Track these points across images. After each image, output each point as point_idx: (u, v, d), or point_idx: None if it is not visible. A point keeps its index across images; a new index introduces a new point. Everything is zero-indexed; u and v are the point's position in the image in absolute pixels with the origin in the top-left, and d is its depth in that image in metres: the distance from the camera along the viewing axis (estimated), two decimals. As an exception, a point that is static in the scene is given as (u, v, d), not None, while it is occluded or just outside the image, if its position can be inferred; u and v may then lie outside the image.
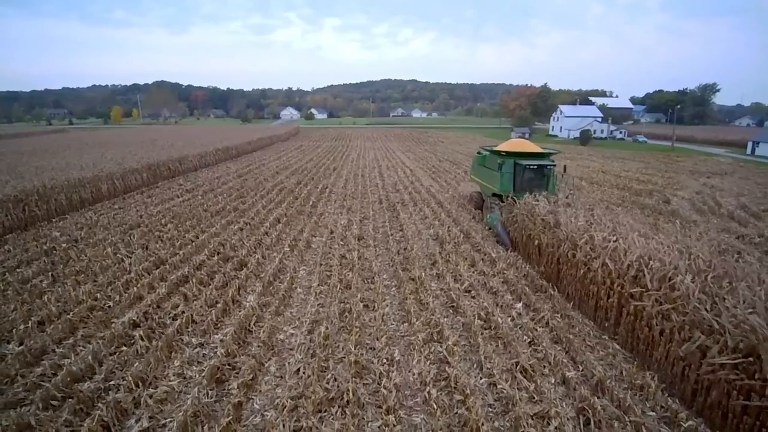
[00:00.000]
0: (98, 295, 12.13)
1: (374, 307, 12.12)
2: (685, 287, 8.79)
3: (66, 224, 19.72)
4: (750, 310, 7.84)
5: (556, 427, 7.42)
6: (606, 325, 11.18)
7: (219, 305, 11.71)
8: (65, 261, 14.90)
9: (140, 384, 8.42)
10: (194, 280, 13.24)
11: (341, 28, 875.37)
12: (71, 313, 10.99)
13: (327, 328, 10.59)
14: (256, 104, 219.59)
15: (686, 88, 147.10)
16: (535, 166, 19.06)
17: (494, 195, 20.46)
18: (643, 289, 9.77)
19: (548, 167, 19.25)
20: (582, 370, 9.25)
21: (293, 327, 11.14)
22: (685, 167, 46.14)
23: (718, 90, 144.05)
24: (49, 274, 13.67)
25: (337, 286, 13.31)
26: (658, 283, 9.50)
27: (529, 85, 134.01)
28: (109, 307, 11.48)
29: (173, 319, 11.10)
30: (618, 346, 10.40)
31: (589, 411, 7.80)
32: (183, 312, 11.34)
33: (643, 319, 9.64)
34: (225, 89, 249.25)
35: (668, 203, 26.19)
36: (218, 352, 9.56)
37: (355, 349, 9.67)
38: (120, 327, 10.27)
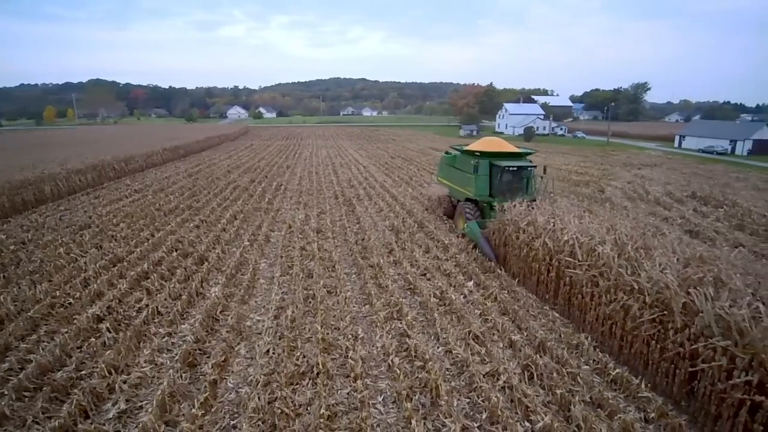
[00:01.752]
0: (57, 293, 12.04)
1: (337, 292, 12.78)
2: (607, 256, 10.13)
3: (10, 227, 18.95)
4: (665, 271, 9.20)
5: (504, 381, 8.48)
6: (546, 296, 12.48)
7: (183, 297, 11.95)
8: (15, 263, 14.50)
9: (113, 371, 8.67)
10: (155, 276, 13.34)
11: (289, 26, 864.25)
12: (31, 311, 10.90)
13: (293, 312, 11.15)
14: (201, 103, 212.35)
15: (620, 87, 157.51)
16: (515, 168, 17.20)
17: (468, 200, 18.42)
18: (576, 261, 11.07)
19: (528, 169, 17.57)
20: (526, 335, 10.43)
21: (259, 314, 11.60)
22: (619, 160, 49.79)
23: (649, 89, 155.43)
24: (0, 275, 13.33)
25: (300, 275, 13.86)
26: (588, 255, 10.86)
27: (476, 84, 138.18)
28: (70, 303, 11.47)
29: (138, 312, 11.28)
30: (557, 314, 11.72)
31: (533, 366, 8.94)
32: (147, 305, 11.51)
33: (576, 287, 10.96)
34: (167, 88, 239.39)
35: (603, 192, 28.47)
36: (188, 339, 9.91)
37: (321, 329, 10.32)
38: (84, 321, 10.37)
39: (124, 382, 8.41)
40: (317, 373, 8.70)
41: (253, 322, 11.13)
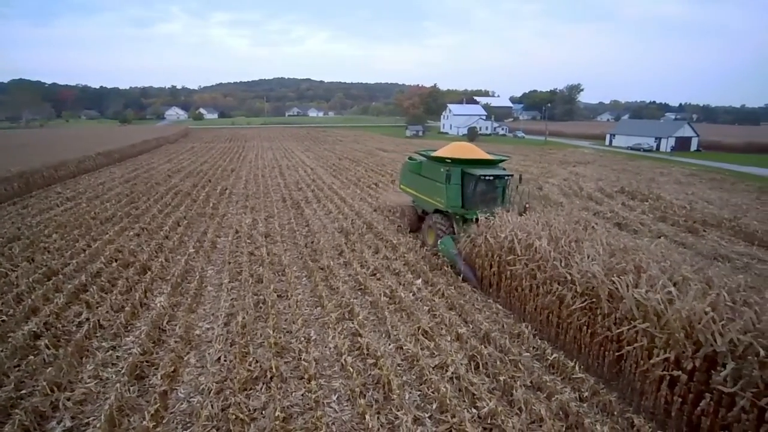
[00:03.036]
0: (-15, 311, 11.28)
1: (288, 295, 12.83)
2: (543, 250, 10.89)
3: (-77, 242, 17.38)
4: (593, 262, 10.02)
5: (452, 372, 8.96)
6: (490, 290, 13.17)
7: (127, 309, 11.55)
8: (-67, 280, 13.40)
9: (56, 389, 8.31)
10: (95, 288, 12.77)
11: (231, 24, 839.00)
12: (-44, 331, 10.19)
13: (244, 318, 11.10)
14: (136, 104, 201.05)
15: (556, 88, 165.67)
16: (491, 177, 15.57)
17: (437, 212, 16.93)
18: (515, 256, 11.80)
19: (505, 178, 16.16)
20: (472, 327, 11.02)
21: (208, 322, 11.44)
22: (556, 158, 52.56)
23: (582, 90, 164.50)
24: None
25: (249, 280, 13.76)
26: (525, 250, 11.60)
27: (420, 85, 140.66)
28: (3, 321, 10.78)
29: (78, 326, 10.80)
30: (500, 306, 12.42)
31: (478, 356, 9.51)
32: (88, 319, 11.04)
33: (516, 280, 11.67)
34: (98, 88, 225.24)
35: (541, 189, 30.04)
36: (134, 351, 9.64)
37: (273, 333, 10.36)
38: (20, 338, 9.80)
39: (68, 399, 8.10)
40: (271, 377, 8.78)
41: (203, 331, 10.98)
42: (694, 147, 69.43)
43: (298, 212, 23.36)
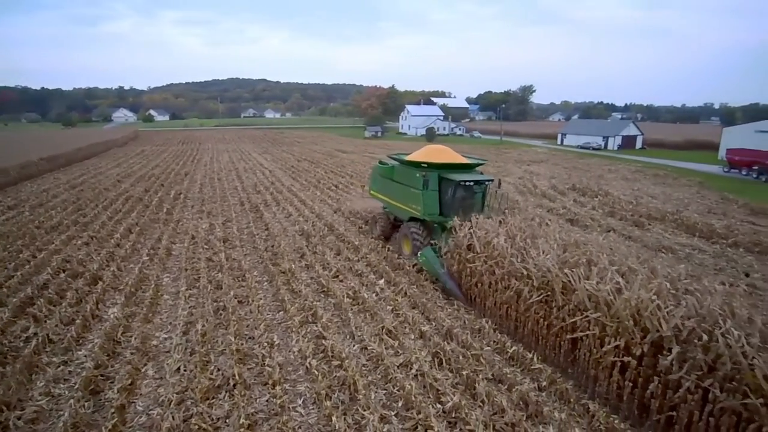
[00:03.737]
0: None
1: (249, 301, 12.62)
2: (501, 247, 11.25)
3: None
4: (547, 257, 10.44)
5: (417, 369, 9.11)
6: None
7: (78, 322, 11.02)
8: None
9: (5, 408, 7.85)
10: (42, 301, 12.11)
11: (182, 22, 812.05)
12: None
13: (203, 326, 10.83)
14: (81, 106, 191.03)
15: (510, 89, 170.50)
16: (471, 183, 14.99)
17: (413, 219, 15.96)
18: (474, 254, 12.11)
19: (485, 184, 15.59)
20: (435, 325, 11.24)
21: (166, 332, 11.09)
22: (511, 157, 54.09)
23: (534, 91, 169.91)
24: None
25: (208, 287, 13.43)
26: (484, 247, 11.93)
27: (378, 86, 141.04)
28: (-61, 340, 10.06)
29: (26, 342, 10.21)
30: (461, 303, 12.66)
31: (441, 353, 9.73)
32: (36, 333, 10.47)
33: (476, 277, 11.99)
34: (39, 89, 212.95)
35: (499, 188, 30.85)
36: (87, 365, 9.23)
37: (235, 340, 10.18)
38: (-41, 358, 9.19)
39: (19, 419, 7.68)
40: (234, 385, 8.63)
41: (160, 341, 10.63)
42: (639, 145, 73.13)
43: (257, 216, 22.97)
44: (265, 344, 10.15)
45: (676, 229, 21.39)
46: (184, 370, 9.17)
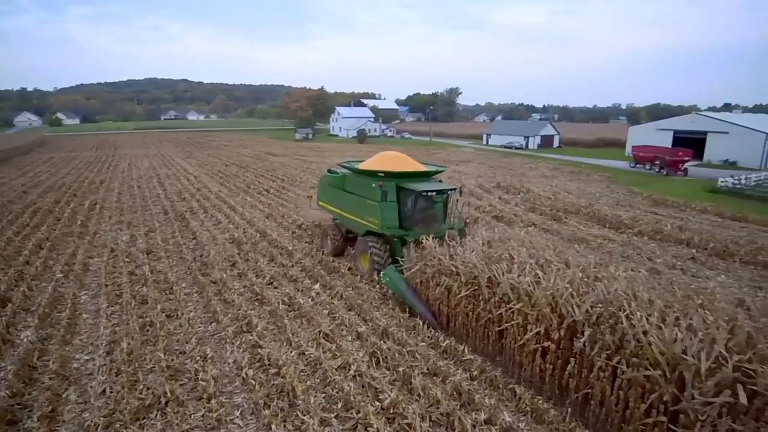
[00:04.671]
0: None
1: (178, 314, 12.16)
2: (430, 246, 11.76)
3: None
4: (474, 254, 11.04)
5: (355, 370, 9.30)
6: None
7: (-17, 349, 10.07)
8: None
9: None
10: (-63, 329, 10.90)
11: (93, 18, 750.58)
12: None
13: (129, 344, 10.30)
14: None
15: (438, 92, 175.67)
16: (433, 193, 14.12)
17: (370, 233, 14.82)
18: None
19: (448, 193, 14.69)
20: (371, 325, 11.50)
21: (87, 353, 10.40)
22: (440, 157, 55.83)
23: (460, 93, 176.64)
24: None
25: (132, 303, 12.75)
26: (415, 246, 12.35)
27: (308, 87, 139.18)
28: None
29: None
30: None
31: (378, 352, 10.01)
32: (-69, 366, 9.42)
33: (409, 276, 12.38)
34: None
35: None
36: (2, 394, 8.45)
37: (164, 356, 9.79)
38: None
39: None
40: (166, 402, 8.32)
41: (81, 363, 9.96)
42: (556, 144, 78.31)
43: (183, 224, 22.00)
44: (198, 358, 9.86)
45: (589, 221, 23.27)
46: (110, 392, 8.70)
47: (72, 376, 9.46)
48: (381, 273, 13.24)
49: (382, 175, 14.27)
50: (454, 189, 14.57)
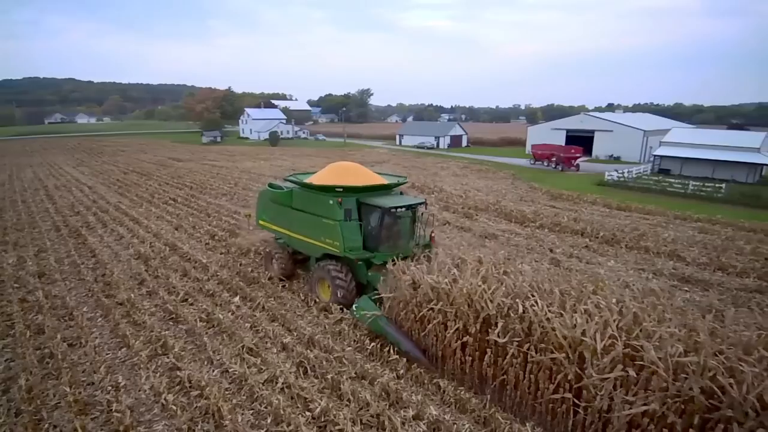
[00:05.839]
0: None
1: (81, 342, 11.18)
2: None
3: None
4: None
5: (282, 382, 9.20)
6: (310, 294, 13.70)
7: None
8: None
9: None
10: None
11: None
12: None
13: (27, 380, 9.28)
14: None
15: (350, 93, 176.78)
16: (402, 209, 12.70)
17: (328, 257, 13.25)
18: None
19: (416, 207, 13.36)
20: (296, 335, 11.40)
21: (-26, 395, 9.23)
22: (355, 159, 56.08)
23: (372, 94, 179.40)
24: None
25: (26, 333, 11.46)
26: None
27: (213, 87, 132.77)
28: None
29: None
30: (319, 310, 13.02)
31: (306, 361, 10.00)
32: None
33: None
34: None
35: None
36: None
37: (70, 389, 8.97)
38: None
39: None
40: (75, 440, 7.65)
41: (-33, 408, 8.82)
42: (464, 143, 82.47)
43: (80, 241, 20.09)
44: (109, 388, 9.17)
45: (497, 217, 24.92)
46: (6, 437, 7.82)
47: (-44, 424, 8.35)
48: (353, 306, 11.79)
49: (341, 190, 12.82)
50: (424, 202, 13.52)
